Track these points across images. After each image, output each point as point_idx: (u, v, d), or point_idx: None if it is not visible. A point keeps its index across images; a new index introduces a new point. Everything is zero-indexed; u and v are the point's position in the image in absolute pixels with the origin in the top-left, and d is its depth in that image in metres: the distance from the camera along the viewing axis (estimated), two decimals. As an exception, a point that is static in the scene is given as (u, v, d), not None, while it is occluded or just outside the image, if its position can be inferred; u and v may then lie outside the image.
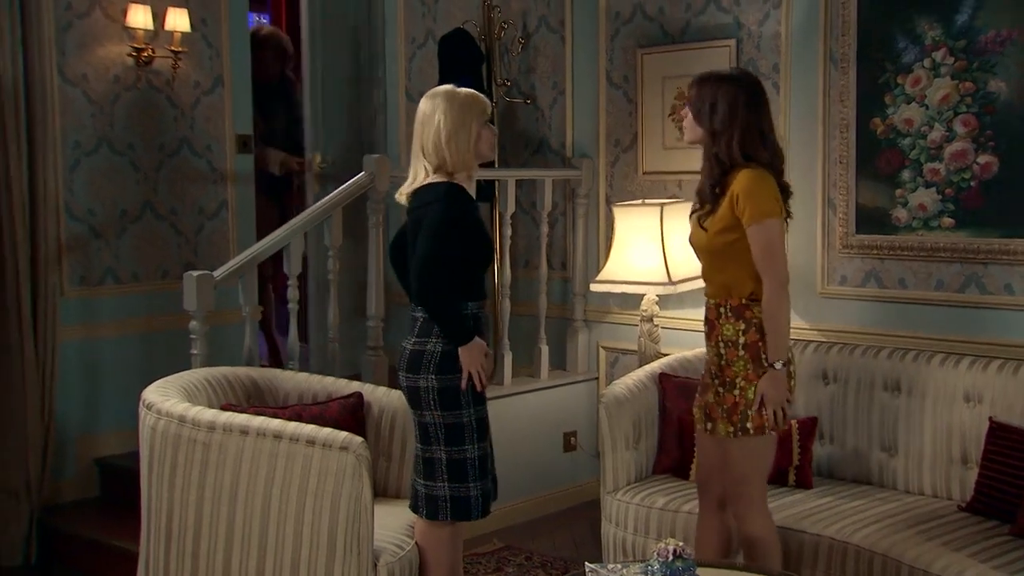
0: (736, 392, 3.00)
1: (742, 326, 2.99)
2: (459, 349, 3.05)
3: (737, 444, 3.02)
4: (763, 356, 2.97)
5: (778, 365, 2.95)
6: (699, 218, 3.08)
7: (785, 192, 3.06)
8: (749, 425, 2.97)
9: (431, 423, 3.09)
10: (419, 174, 3.10)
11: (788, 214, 3.10)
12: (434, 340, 3.07)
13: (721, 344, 3.03)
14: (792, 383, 3.03)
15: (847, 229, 4.09)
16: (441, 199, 3.03)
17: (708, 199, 3.04)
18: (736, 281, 3.02)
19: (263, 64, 5.51)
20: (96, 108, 4.57)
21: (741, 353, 2.99)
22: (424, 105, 3.13)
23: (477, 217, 3.18)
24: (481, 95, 3.18)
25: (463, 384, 3.07)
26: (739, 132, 2.96)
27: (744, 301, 3.00)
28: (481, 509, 3.15)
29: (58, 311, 4.30)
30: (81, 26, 4.51)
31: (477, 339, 3.08)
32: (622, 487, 3.76)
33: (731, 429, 3.00)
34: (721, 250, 3.01)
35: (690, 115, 3.06)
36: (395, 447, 3.57)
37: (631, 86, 4.76)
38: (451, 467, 3.09)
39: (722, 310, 3.04)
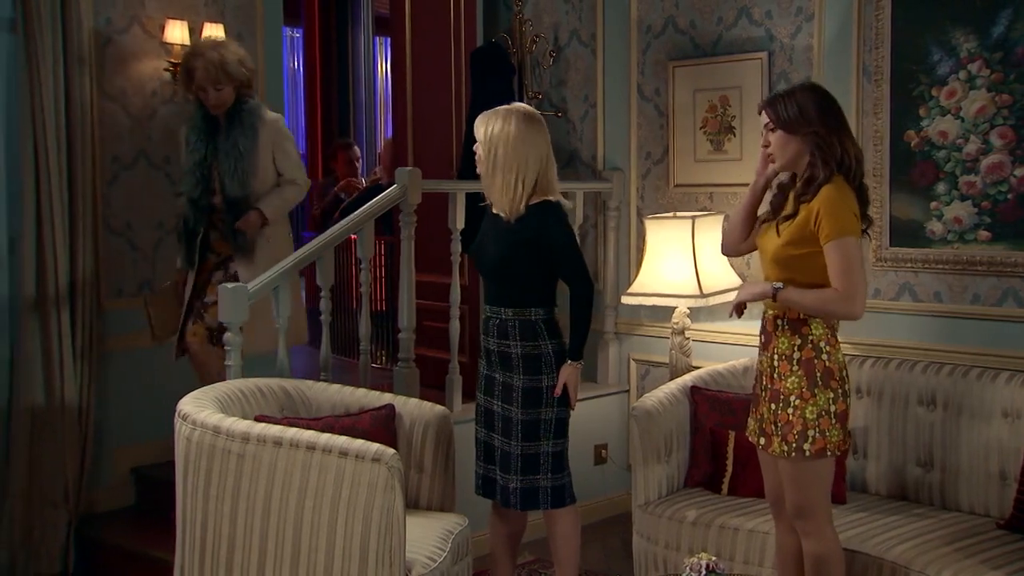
0: (791, 410, 2.92)
1: (798, 341, 2.93)
2: (573, 360, 3.33)
3: (796, 466, 2.94)
4: (817, 374, 2.91)
5: (778, 286, 2.91)
6: (778, 221, 2.97)
7: (864, 198, 2.98)
8: (807, 447, 2.89)
9: (563, 418, 3.37)
10: (517, 191, 3.30)
11: (869, 221, 3.03)
12: (546, 342, 3.33)
13: (775, 357, 2.98)
14: (848, 401, 2.97)
15: (881, 242, 4.04)
16: (562, 218, 3.33)
17: (795, 202, 2.93)
18: None
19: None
20: (134, 122, 4.61)
21: (795, 368, 2.93)
22: (516, 125, 3.29)
23: None
24: None
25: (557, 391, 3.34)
26: (836, 132, 2.88)
27: (802, 316, 2.93)
28: None
29: (96, 323, 4.34)
30: (120, 42, 4.56)
31: None
32: (653, 500, 3.73)
33: (785, 448, 2.93)
34: (787, 261, 2.93)
35: (777, 133, 2.93)
36: (427, 459, 3.56)
37: (662, 99, 4.74)
38: (564, 457, 3.37)
39: (779, 322, 2.97)
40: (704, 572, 2.52)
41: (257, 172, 4.13)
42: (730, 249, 3.26)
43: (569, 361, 3.34)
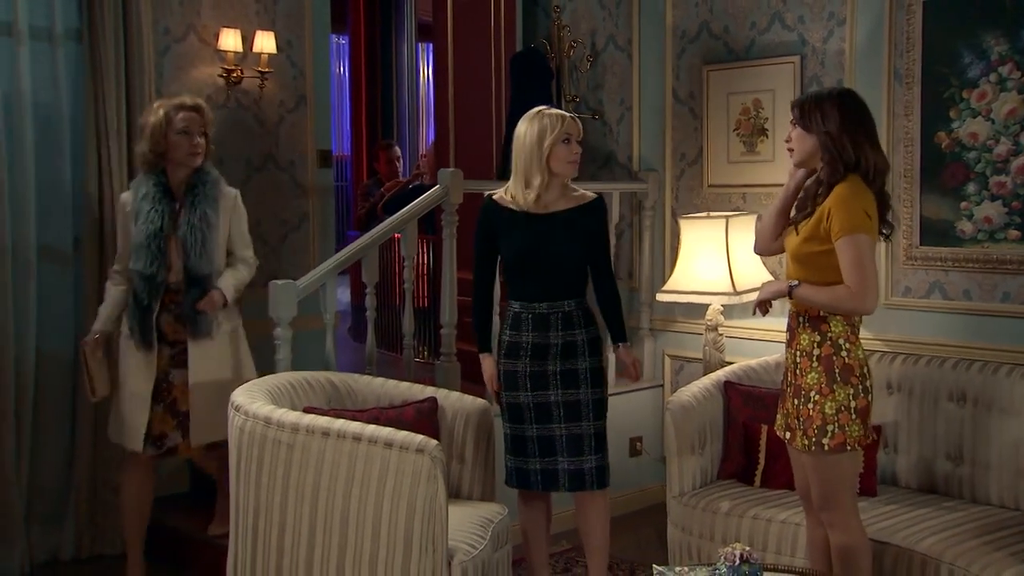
0: (811, 406, 2.91)
1: (817, 338, 2.92)
2: (624, 344, 3.49)
3: (817, 459, 2.92)
4: (836, 370, 2.89)
5: (793, 284, 2.92)
6: (796, 221, 2.98)
7: (885, 204, 2.95)
8: (826, 442, 2.88)
9: (606, 398, 3.43)
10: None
11: (890, 227, 2.99)
12: (596, 325, 3.45)
13: (798, 353, 2.97)
14: (870, 397, 2.95)
15: (911, 241, 3.99)
16: (604, 209, 3.49)
17: (812, 202, 2.92)
18: None
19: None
20: (189, 126, 4.66)
21: (815, 364, 2.91)
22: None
23: None
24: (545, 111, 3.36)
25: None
26: (851, 136, 2.86)
27: (821, 313, 2.91)
28: None
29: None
30: (177, 49, 4.62)
31: None
32: (688, 492, 3.71)
33: (806, 443, 2.92)
34: (804, 259, 2.92)
35: (798, 131, 2.95)
36: (468, 450, 3.57)
37: (697, 102, 4.71)
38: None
39: (800, 319, 2.96)
40: (738, 562, 2.50)
41: (220, 247, 3.76)
42: (762, 248, 3.24)
43: (622, 344, 3.50)
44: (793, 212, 3.05)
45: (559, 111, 3.36)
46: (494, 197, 3.42)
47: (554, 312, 3.35)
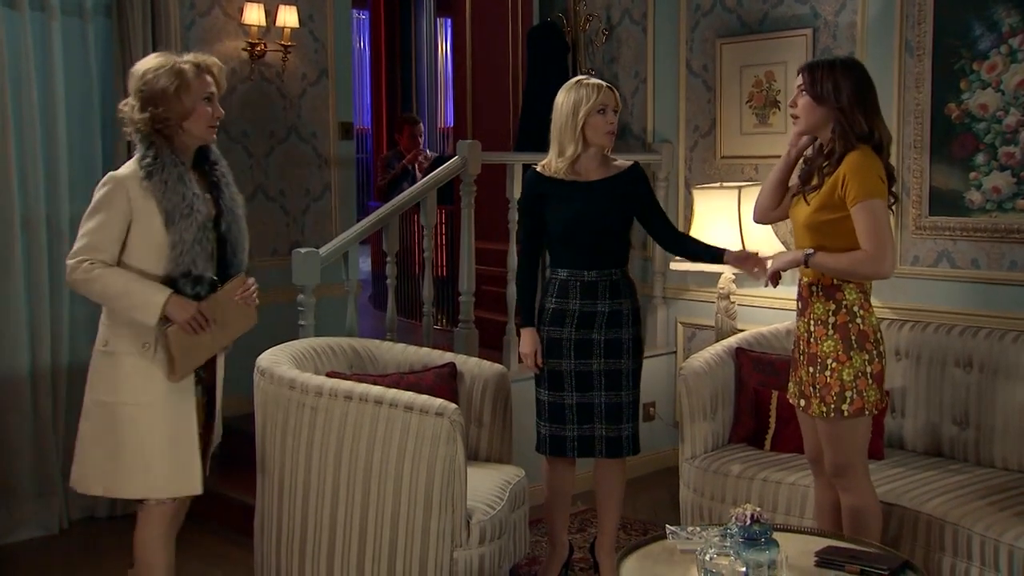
0: (828, 373, 2.88)
1: (832, 306, 2.88)
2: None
3: (835, 425, 2.90)
4: (852, 337, 2.86)
5: (809, 252, 2.87)
6: (805, 192, 2.93)
7: (891, 176, 2.90)
8: (845, 408, 2.86)
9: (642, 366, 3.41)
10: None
11: (894, 197, 2.95)
12: (637, 295, 3.42)
13: (812, 322, 2.93)
14: (883, 361, 2.92)
15: (920, 211, 3.95)
16: (644, 174, 3.43)
17: (818, 174, 2.88)
18: None
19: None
20: (215, 99, 4.65)
21: (831, 332, 2.88)
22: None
23: None
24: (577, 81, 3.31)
25: None
26: (862, 108, 2.82)
27: (835, 282, 2.88)
28: None
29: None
30: (202, 24, 4.61)
31: None
32: (700, 455, 3.71)
33: (824, 409, 2.90)
34: (818, 227, 2.88)
35: (805, 99, 2.88)
36: (486, 414, 3.58)
37: (710, 75, 4.66)
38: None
39: (814, 288, 2.93)
40: (749, 522, 2.50)
41: None
42: (761, 215, 3.19)
43: (727, 251, 3.38)
44: (797, 182, 3.01)
45: (597, 81, 3.29)
46: (537, 168, 3.36)
47: (603, 280, 3.28)
